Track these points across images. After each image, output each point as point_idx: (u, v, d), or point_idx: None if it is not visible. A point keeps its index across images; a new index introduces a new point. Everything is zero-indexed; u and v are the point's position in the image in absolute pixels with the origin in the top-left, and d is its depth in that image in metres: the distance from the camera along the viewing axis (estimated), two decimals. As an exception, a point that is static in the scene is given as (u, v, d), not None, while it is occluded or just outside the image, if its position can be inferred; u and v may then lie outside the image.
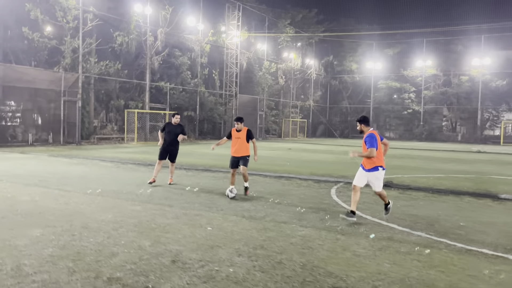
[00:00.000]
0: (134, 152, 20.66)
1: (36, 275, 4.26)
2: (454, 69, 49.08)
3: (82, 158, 16.87)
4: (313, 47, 51.52)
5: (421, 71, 50.78)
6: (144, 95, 30.87)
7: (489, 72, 46.89)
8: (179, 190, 9.69)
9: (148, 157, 17.46)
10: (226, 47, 38.44)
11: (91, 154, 18.76)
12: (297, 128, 49.40)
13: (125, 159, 16.61)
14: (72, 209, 7.42)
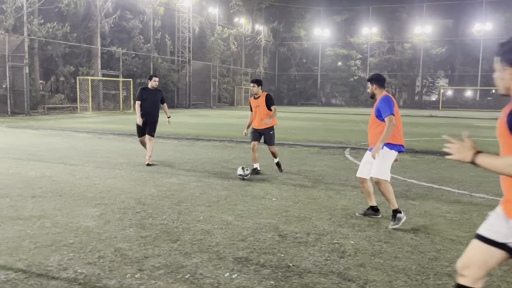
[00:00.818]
0: (99, 122, 19.25)
1: (149, 260, 3.68)
2: (398, 36, 50.88)
3: (49, 129, 15.38)
4: (262, 13, 50.65)
5: (367, 39, 52.11)
6: (95, 61, 28.66)
7: (430, 39, 49.21)
8: (194, 159, 9.07)
9: (123, 127, 16.32)
10: (177, 10, 36.56)
11: (54, 125, 17.16)
12: (248, 96, 48.96)
13: (99, 129, 15.38)
14: (103, 184, 6.63)
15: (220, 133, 14.90)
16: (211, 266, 3.58)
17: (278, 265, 3.63)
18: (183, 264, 3.63)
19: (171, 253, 3.87)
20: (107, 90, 29.30)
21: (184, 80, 37.54)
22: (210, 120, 22.34)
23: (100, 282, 3.26)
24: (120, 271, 3.47)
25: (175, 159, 9.22)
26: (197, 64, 39.24)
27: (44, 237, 4.25)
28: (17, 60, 22.85)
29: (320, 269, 3.55)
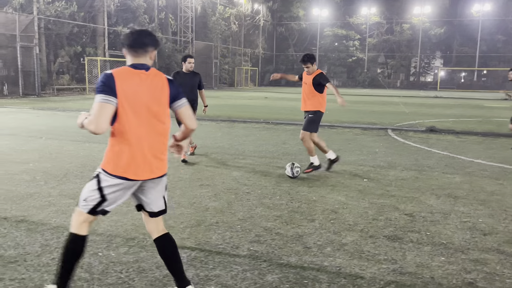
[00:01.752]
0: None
1: (306, 237, 3.84)
2: (397, 17, 50.89)
3: (75, 111, 15.25)
4: (261, -9, 50.05)
5: (366, 19, 52.02)
6: (101, 41, 28.18)
7: (429, 20, 49.35)
8: (251, 143, 9.20)
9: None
10: (180, -11, 35.94)
11: (76, 106, 16.98)
12: (248, 76, 48.75)
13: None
14: (202, 167, 6.73)
15: (248, 115, 14.95)
16: (370, 243, 3.77)
17: (433, 242, 3.83)
18: (340, 241, 3.81)
19: (316, 231, 4.04)
20: (113, 70, 28.89)
21: (187, 60, 37.11)
22: (224, 101, 22.30)
23: (282, 259, 3.42)
24: (288, 249, 3.63)
25: (239, 144, 9.32)
26: (199, 45, 38.84)
27: (183, 217, 4.38)
28: (26, 40, 22.38)
29: (475, 246, 3.76)
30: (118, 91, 2.43)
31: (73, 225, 2.65)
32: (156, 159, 2.58)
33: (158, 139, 2.59)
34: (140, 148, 2.51)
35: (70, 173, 6.17)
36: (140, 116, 2.51)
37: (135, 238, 3.81)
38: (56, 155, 7.44)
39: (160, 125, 2.58)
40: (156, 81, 2.58)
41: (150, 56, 2.62)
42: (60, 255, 2.68)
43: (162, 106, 2.59)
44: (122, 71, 2.53)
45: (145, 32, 2.63)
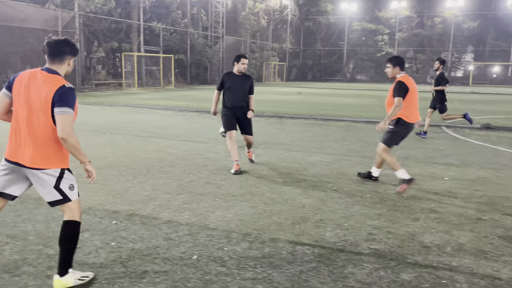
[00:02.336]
0: (159, 98, 19.36)
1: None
2: (428, 10, 49.86)
3: (122, 106, 15.54)
4: (289, -14, 49.76)
5: (396, 13, 51.16)
6: (136, 37, 28.55)
7: (462, 13, 48.20)
8: (314, 139, 9.21)
9: (192, 104, 16.43)
10: (211, -16, 36.06)
11: (120, 101, 17.26)
12: (275, 72, 48.65)
13: (171, 106, 15.49)
14: (284, 166, 6.80)
15: (292, 110, 14.93)
16: (488, 244, 3.75)
17: (552, 243, 3.79)
18: (456, 241, 3.80)
19: (426, 230, 4.04)
20: (148, 66, 29.28)
21: (217, 56, 37.33)
22: (259, 97, 22.27)
23: (408, 258, 3.44)
24: (408, 247, 3.64)
25: (299, 140, 9.35)
26: (229, 40, 38.95)
27: (285, 214, 4.43)
28: (68, 36, 22.82)
29: None
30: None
31: None
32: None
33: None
34: None
35: (152, 167, 6.30)
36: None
37: (251, 234, 3.88)
38: (128, 150, 7.61)
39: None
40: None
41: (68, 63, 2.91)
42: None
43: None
44: None
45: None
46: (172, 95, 22.55)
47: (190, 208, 4.57)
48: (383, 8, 51.52)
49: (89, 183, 3.12)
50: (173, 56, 29.55)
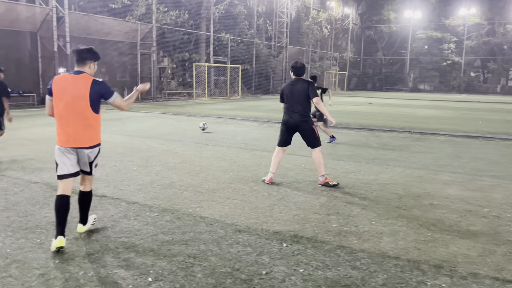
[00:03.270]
0: (234, 109, 19.49)
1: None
2: (500, 17, 47.31)
3: (202, 116, 15.72)
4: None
5: (464, 20, 48.97)
6: (205, 48, 29.13)
7: (539, 20, 45.32)
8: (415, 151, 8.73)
9: (270, 115, 16.35)
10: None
11: (198, 111, 17.54)
12: (336, 81, 47.98)
13: (252, 117, 15.47)
14: (384, 179, 6.45)
15: (378, 122, 14.43)
16: None
17: None
18: None
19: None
20: (215, 76, 29.75)
21: (280, 65, 37.34)
22: (332, 108, 21.84)
23: None
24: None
25: (409, 156, 8.92)
26: (291, 49, 38.88)
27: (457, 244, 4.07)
28: (145, 47, 23.65)
29: None
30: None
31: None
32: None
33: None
34: None
35: (283, 184, 6.13)
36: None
37: (445, 266, 3.56)
38: (242, 163, 7.53)
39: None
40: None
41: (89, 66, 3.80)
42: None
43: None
44: None
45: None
46: (243, 105, 22.66)
47: (359, 231, 4.32)
48: (450, 16, 49.50)
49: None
50: (240, 67, 29.84)
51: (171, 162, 7.46)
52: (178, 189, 5.76)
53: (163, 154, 8.21)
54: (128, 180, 6.15)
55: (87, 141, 3.73)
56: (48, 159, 7.42)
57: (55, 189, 5.47)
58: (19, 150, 8.24)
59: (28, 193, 5.39)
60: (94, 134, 3.78)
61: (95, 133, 3.79)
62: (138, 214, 4.71)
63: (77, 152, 3.76)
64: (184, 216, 4.66)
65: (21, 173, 6.41)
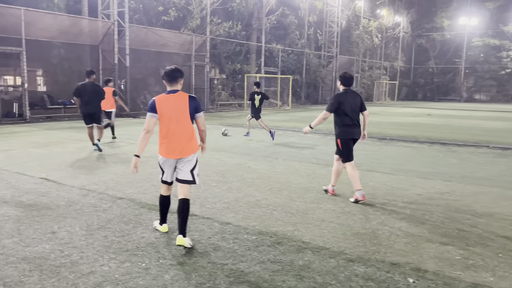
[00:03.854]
0: (290, 120, 19.17)
1: None
2: None
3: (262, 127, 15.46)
4: (402, 3, 47.78)
5: (525, 26, 46.37)
6: (256, 58, 29.10)
7: None
8: None
9: (329, 127, 15.85)
10: (325, 4, 35.80)
11: (252, 122, 17.26)
12: (386, 91, 46.65)
13: (323, 130, 15.04)
14: None
15: (444, 136, 13.62)
16: None
17: None
18: None
19: None
20: (266, 87, 29.60)
21: (330, 75, 36.76)
22: (389, 119, 21.11)
23: None
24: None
25: (504, 175, 8.23)
26: (341, 59, 38.22)
27: None
28: (199, 59, 23.87)
29: None
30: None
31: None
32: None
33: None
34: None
35: (376, 205, 5.71)
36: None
37: None
38: (321, 180, 7.16)
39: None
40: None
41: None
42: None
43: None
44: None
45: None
46: (297, 116, 22.30)
47: None
48: (509, 22, 47.03)
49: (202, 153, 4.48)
50: (291, 77, 29.58)
51: (248, 178, 7.21)
52: (267, 208, 5.47)
53: (236, 168, 7.99)
54: (212, 197, 5.93)
55: (190, 151, 4.18)
56: (121, 173, 7.37)
57: (142, 206, 5.38)
58: (91, 162, 8.29)
59: (117, 210, 5.28)
60: (195, 144, 4.25)
61: (195, 142, 4.26)
62: (235, 236, 4.45)
63: (177, 162, 4.20)
64: (284, 240, 4.35)
65: (103, 187, 6.36)
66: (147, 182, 6.78)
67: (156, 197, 5.87)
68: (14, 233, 4.43)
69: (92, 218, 4.96)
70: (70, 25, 18.15)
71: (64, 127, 14.63)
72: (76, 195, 5.95)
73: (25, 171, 7.38)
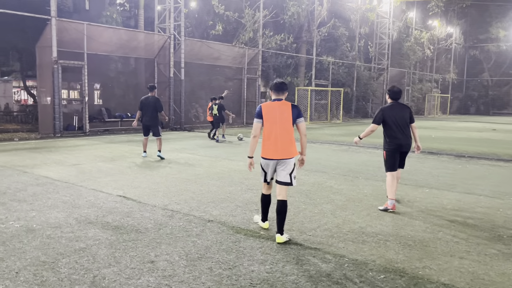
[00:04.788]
0: (344, 135, 18.40)
1: None
2: None
3: (326, 143, 14.82)
4: (455, 13, 45.98)
5: None
6: (306, 71, 28.56)
7: None
8: None
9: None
10: (376, 15, 34.87)
11: (309, 136, 16.67)
12: (437, 104, 44.75)
13: (374, 144, 14.26)
14: None
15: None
16: None
17: None
18: None
19: None
20: (317, 100, 28.94)
21: (381, 88, 35.62)
22: (454, 134, 19.86)
23: None
24: None
25: None
26: (392, 71, 37.01)
27: None
28: (250, 72, 23.60)
29: None
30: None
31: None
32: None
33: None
34: None
35: (504, 236, 4.93)
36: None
37: None
38: (420, 204, 6.42)
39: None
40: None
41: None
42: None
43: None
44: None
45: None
46: (351, 130, 21.49)
47: None
48: None
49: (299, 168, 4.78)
50: (342, 90, 28.79)
51: (337, 200, 6.58)
52: (376, 238, 4.82)
53: (318, 188, 7.38)
54: (308, 222, 5.35)
55: (290, 153, 4.62)
56: (199, 192, 6.94)
57: (237, 230, 4.95)
58: (163, 178, 7.93)
59: (211, 235, 4.79)
60: (295, 149, 4.67)
61: (295, 148, 4.69)
62: (358, 273, 3.83)
63: (277, 164, 4.64)
64: (420, 281, 3.69)
65: (186, 208, 5.93)
66: (230, 202, 6.30)
67: (245, 219, 5.42)
68: (111, 261, 4.02)
69: (187, 244, 4.50)
70: (128, 39, 18.33)
71: (123, 140, 14.57)
72: (161, 216, 5.53)
73: (101, 187, 7.10)
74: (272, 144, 4.56)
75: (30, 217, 5.37)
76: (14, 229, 4.91)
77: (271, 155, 4.58)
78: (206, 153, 11.61)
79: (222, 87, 24.07)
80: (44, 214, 5.51)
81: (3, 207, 5.82)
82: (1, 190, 6.80)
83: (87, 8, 24.22)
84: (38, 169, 8.69)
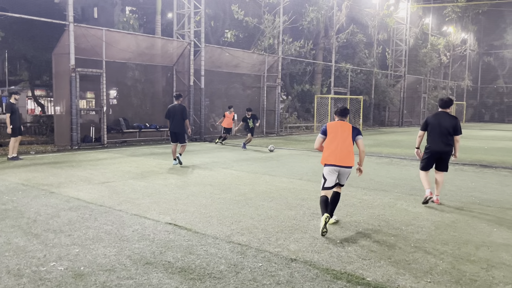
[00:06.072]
0: (373, 145, 17.42)
1: None
2: None
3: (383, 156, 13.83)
4: (470, 19, 45.13)
5: None
6: (324, 78, 27.68)
7: None
8: None
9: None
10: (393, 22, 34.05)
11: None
12: (453, 112, 43.71)
13: (408, 155, 13.26)
14: None
15: None
16: None
17: None
18: None
19: None
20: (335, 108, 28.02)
21: (398, 96, 34.69)
22: (483, 143, 18.87)
23: None
24: None
25: None
26: (409, 78, 36.13)
27: None
28: (270, 79, 22.73)
29: None
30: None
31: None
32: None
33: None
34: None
35: None
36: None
37: None
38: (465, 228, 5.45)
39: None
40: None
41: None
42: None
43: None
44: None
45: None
46: (377, 139, 20.51)
47: None
48: None
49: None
50: (362, 97, 27.88)
51: (425, 227, 5.60)
52: (464, 276, 3.84)
53: (392, 212, 6.41)
54: (413, 262, 4.37)
55: (349, 162, 5.43)
56: (257, 217, 5.97)
57: (334, 275, 3.83)
58: (208, 199, 6.98)
59: (305, 283, 3.82)
60: (353, 159, 5.46)
61: (353, 158, 5.47)
62: None
63: (339, 171, 5.44)
64: None
65: (255, 241, 4.96)
66: (302, 232, 5.33)
67: (335, 257, 4.45)
68: (198, 327, 3.05)
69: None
70: (146, 46, 17.47)
71: (146, 153, 13.64)
72: (230, 252, 4.57)
73: (144, 212, 6.15)
74: (333, 152, 5.43)
75: (74, 255, 4.42)
76: (58, 273, 3.96)
77: (334, 161, 5.41)
78: (242, 168, 10.65)
79: (240, 95, 23.21)
80: (89, 250, 4.56)
81: (37, 240, 4.88)
82: (31, 216, 5.86)
83: (95, 16, 23.49)
84: (65, 188, 7.76)
